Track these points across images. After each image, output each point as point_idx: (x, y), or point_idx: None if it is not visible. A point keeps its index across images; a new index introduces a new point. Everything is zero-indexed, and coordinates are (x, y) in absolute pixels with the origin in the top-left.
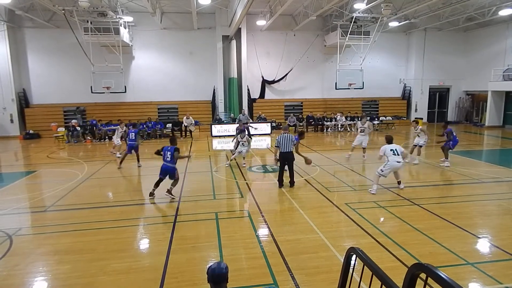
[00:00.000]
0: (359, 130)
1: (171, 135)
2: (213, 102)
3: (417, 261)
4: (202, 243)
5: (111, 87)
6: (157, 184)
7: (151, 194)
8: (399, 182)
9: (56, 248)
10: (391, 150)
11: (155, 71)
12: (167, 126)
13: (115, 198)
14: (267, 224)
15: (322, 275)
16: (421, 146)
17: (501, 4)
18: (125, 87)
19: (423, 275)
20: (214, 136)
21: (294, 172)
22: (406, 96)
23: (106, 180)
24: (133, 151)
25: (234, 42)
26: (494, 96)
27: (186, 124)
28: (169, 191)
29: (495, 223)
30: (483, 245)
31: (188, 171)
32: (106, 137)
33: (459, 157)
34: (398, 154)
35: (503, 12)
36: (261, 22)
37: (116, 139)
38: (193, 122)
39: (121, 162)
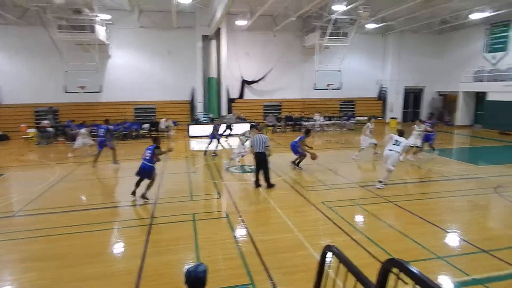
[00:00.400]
0: (368, 131)
1: (153, 135)
2: (192, 102)
3: (391, 257)
4: (179, 245)
5: (86, 86)
6: (137, 184)
7: (133, 193)
8: (379, 181)
9: (25, 255)
10: (395, 140)
11: (133, 70)
12: (143, 126)
13: (88, 201)
14: (244, 224)
15: (299, 274)
16: (418, 147)
17: (472, 8)
18: (100, 86)
19: (396, 271)
20: (192, 136)
21: (269, 172)
22: (382, 96)
23: (79, 183)
24: (105, 147)
25: (214, 42)
26: (465, 96)
27: (162, 127)
28: (143, 196)
29: (464, 218)
30: (453, 240)
31: (165, 173)
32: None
33: (430, 155)
34: (398, 145)
35: (474, 16)
36: (241, 22)
37: (80, 141)
38: (172, 124)
39: (95, 161)
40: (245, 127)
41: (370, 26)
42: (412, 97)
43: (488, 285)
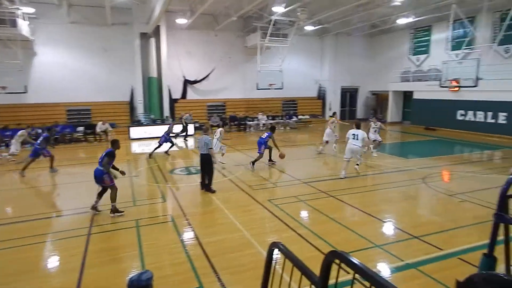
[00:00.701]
0: (333, 126)
1: (82, 139)
2: (131, 102)
3: (333, 249)
4: (122, 254)
5: (8, 87)
6: (99, 195)
7: (93, 207)
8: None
9: None
10: (353, 134)
11: (63, 69)
12: (78, 129)
13: (17, 213)
14: (191, 227)
15: (247, 272)
16: (380, 141)
17: (398, 14)
18: (25, 87)
19: (338, 262)
20: (133, 139)
21: (213, 176)
22: (321, 96)
23: (5, 193)
24: (41, 156)
25: (153, 40)
26: (394, 95)
27: (99, 130)
28: (112, 210)
29: (397, 208)
30: (388, 228)
31: None
32: (2, 144)
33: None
34: (357, 139)
35: (400, 21)
36: (181, 21)
37: (15, 147)
38: (110, 128)
39: (24, 169)
40: (188, 128)
41: (308, 28)
42: (348, 96)
43: (420, 268)
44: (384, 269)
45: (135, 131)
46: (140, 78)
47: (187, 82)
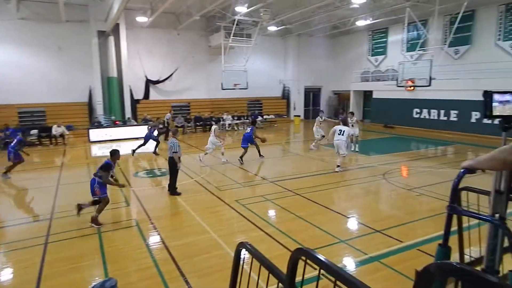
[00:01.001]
0: (319, 123)
1: (37, 143)
2: (90, 103)
3: (301, 246)
4: (83, 262)
5: None
6: (93, 203)
7: (79, 208)
8: (337, 166)
9: None
10: (339, 130)
11: (12, 68)
12: (31, 132)
13: None
14: (157, 231)
15: (216, 274)
16: (357, 136)
17: (357, 16)
18: None
19: (304, 259)
20: (92, 141)
21: (176, 177)
22: (286, 95)
23: None
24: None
25: (112, 39)
26: (355, 95)
27: (55, 133)
28: (92, 219)
29: (360, 204)
30: (352, 224)
31: (61, 183)
32: None
33: (329, 148)
34: (342, 135)
35: (360, 23)
36: (141, 19)
37: None
38: (66, 131)
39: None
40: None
41: (272, 28)
42: (312, 96)
43: (382, 260)
44: (349, 263)
45: (95, 134)
46: (98, 78)
47: (149, 82)
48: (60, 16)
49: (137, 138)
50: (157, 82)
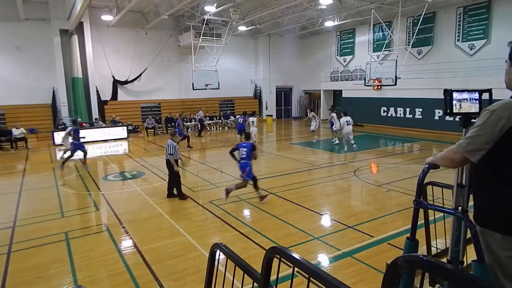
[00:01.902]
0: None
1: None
2: (54, 105)
3: (275, 245)
4: (50, 271)
5: None
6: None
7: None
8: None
9: None
10: (346, 121)
11: None
12: None
13: None
14: (129, 235)
15: (191, 276)
16: (313, 131)
17: (325, 17)
18: None
19: (278, 257)
20: (58, 144)
21: (179, 180)
22: (257, 95)
23: None
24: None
25: (75, 38)
26: (325, 94)
27: (15, 134)
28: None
29: (332, 201)
30: (325, 221)
31: (24, 189)
32: None
33: (302, 147)
34: (349, 124)
35: (328, 24)
36: (107, 18)
37: None
38: (24, 132)
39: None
40: (120, 131)
41: (242, 28)
42: (283, 96)
43: (355, 255)
44: (323, 260)
45: (60, 136)
46: (62, 78)
47: (117, 83)
48: (18, 13)
49: (106, 140)
50: (125, 82)
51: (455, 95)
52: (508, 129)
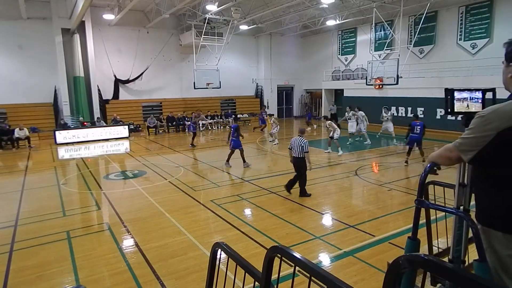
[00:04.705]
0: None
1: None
2: (55, 104)
3: (276, 244)
4: (52, 270)
5: None
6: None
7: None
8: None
9: None
10: (362, 116)
11: None
12: None
13: None
14: (130, 234)
15: (192, 275)
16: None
17: (327, 16)
18: None
19: (280, 256)
20: (59, 143)
21: (305, 179)
22: (259, 94)
23: None
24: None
25: (77, 37)
26: (327, 93)
27: (18, 136)
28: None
29: (334, 200)
30: (326, 220)
31: (26, 188)
32: None
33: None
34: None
35: (329, 23)
36: (109, 16)
37: None
38: (27, 133)
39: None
40: (121, 130)
41: (243, 27)
42: (284, 95)
43: (356, 255)
44: (324, 259)
45: (61, 136)
46: (64, 77)
47: (118, 82)
48: (20, 12)
49: (107, 139)
50: (127, 81)
51: (456, 94)
52: (497, 134)
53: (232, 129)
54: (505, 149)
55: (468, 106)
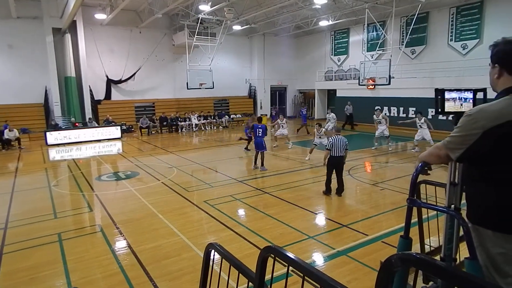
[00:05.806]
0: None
1: None
2: (46, 105)
3: (270, 244)
4: (43, 272)
5: None
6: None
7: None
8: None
9: None
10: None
11: None
12: None
13: None
14: (123, 235)
15: (186, 277)
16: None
17: (319, 16)
18: None
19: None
20: (50, 144)
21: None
22: (252, 95)
23: None
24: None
25: (68, 36)
26: (320, 93)
27: (8, 137)
28: None
29: (327, 200)
30: (320, 220)
31: (16, 190)
32: None
33: (296, 146)
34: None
35: (322, 23)
36: (100, 16)
37: None
38: (17, 134)
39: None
40: (114, 131)
41: (236, 27)
42: (277, 95)
43: (349, 254)
44: (317, 259)
45: (52, 136)
46: (55, 77)
47: (111, 82)
48: (9, 11)
49: (99, 140)
50: (119, 81)
51: (447, 94)
52: (483, 133)
53: (261, 130)
54: (492, 148)
55: (461, 105)
